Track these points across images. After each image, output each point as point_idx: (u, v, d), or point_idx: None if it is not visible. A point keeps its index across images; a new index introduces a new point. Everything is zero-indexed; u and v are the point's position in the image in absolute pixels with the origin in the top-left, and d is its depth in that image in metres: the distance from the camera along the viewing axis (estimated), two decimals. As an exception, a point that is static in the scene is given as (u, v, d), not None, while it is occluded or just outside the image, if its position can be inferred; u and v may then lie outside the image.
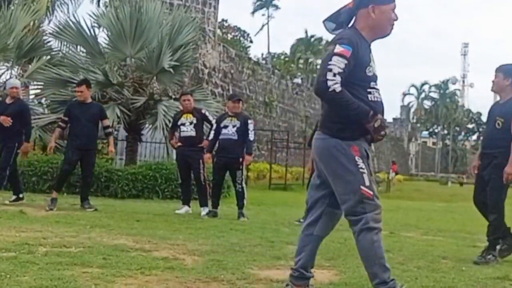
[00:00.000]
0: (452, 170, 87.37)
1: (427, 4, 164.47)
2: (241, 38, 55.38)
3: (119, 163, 16.24)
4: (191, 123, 9.26)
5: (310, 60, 54.48)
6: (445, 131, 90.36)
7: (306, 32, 59.11)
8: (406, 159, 79.29)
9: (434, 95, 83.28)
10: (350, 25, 3.68)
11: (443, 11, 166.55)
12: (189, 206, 9.43)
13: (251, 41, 56.88)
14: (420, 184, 45.26)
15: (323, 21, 3.75)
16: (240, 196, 8.78)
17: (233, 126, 8.68)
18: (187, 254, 5.09)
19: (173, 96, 13.94)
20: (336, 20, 3.70)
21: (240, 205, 8.79)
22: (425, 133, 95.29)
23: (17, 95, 9.24)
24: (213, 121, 9.26)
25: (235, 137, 8.65)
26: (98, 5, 52.34)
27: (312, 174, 8.51)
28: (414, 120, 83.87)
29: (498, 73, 5.93)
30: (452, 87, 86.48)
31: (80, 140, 8.83)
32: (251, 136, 8.79)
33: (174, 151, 10.39)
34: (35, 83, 14.56)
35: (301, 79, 47.73)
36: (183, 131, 9.33)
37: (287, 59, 57.03)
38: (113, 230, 6.38)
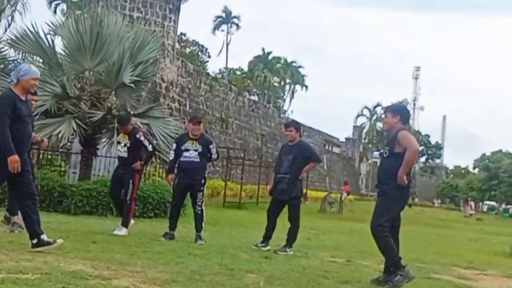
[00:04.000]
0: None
1: (382, 24, 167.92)
2: (199, 53, 55.31)
3: (72, 177, 15.91)
4: (125, 145, 9.16)
5: (267, 78, 54.82)
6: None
7: (263, 50, 59.86)
8: (357, 179, 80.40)
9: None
10: None
11: (397, 33, 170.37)
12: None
13: (209, 56, 56.91)
14: (371, 205, 45.63)
15: None
16: (199, 219, 8.71)
17: (195, 150, 8.61)
18: (148, 283, 5.00)
19: (131, 112, 13.77)
20: None
21: (198, 228, 8.72)
22: (375, 153, 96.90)
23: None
24: (149, 147, 9.14)
25: (197, 160, 8.60)
26: (55, 12, 51.47)
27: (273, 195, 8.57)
28: (366, 141, 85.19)
29: (386, 113, 6.50)
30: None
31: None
32: (214, 157, 8.79)
33: None
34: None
35: (257, 96, 47.95)
36: (118, 150, 9.34)
37: (244, 75, 57.25)
38: (69, 253, 6.22)
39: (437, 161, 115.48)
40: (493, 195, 63.42)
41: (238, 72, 63.66)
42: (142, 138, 9.32)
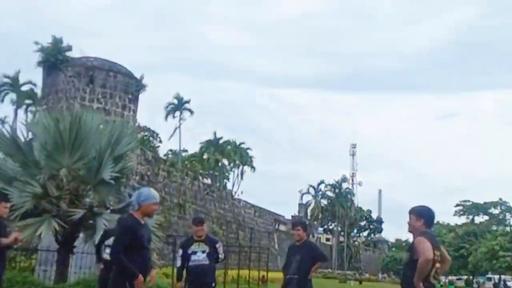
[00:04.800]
0: (347, 267, 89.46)
1: (313, 104, 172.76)
2: (151, 138, 55.41)
3: (42, 275, 15.45)
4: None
5: (218, 161, 55.25)
6: (339, 228, 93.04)
7: (215, 134, 60.78)
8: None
9: (330, 194, 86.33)
10: None
11: (329, 112, 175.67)
12: None
13: (160, 141, 57.11)
14: (324, 284, 45.80)
15: None
16: (210, 323, 8.64)
17: (203, 252, 8.64)
18: None
19: (111, 208, 13.68)
20: None
21: (210, 333, 8.63)
22: (320, 229, 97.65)
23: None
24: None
25: (207, 262, 8.61)
26: (3, 101, 50.75)
27: None
28: (312, 218, 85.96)
29: (411, 214, 6.53)
30: (344, 186, 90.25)
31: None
32: (221, 257, 8.81)
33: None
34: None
35: (210, 178, 48.23)
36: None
37: (193, 159, 57.57)
38: None
39: (378, 235, 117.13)
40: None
41: (184, 154, 63.90)
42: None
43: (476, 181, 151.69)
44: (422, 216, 6.44)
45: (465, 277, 61.37)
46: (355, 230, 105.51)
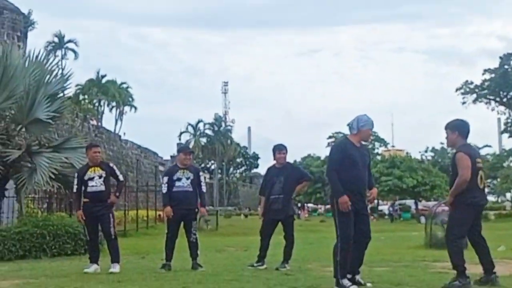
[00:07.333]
0: (227, 203, 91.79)
1: (180, 44, 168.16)
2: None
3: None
4: (100, 176, 8.94)
5: (102, 101, 53.41)
6: (218, 166, 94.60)
7: (97, 73, 57.86)
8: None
9: (209, 132, 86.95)
10: None
11: (197, 51, 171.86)
12: (98, 264, 9.05)
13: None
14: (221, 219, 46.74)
15: None
16: (194, 247, 8.90)
17: (187, 178, 8.85)
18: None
19: (46, 145, 13.16)
20: None
21: (194, 256, 8.90)
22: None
23: None
24: (121, 176, 9.30)
25: (191, 189, 8.85)
26: None
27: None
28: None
29: (446, 130, 6.86)
30: (223, 124, 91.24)
31: None
32: (204, 188, 9.05)
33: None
34: None
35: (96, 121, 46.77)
36: (91, 185, 8.94)
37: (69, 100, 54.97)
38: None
39: (254, 171, 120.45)
40: (318, 197, 68.00)
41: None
42: (115, 167, 9.29)
43: (343, 115, 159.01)
44: (456, 129, 6.73)
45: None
46: (232, 168, 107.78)
